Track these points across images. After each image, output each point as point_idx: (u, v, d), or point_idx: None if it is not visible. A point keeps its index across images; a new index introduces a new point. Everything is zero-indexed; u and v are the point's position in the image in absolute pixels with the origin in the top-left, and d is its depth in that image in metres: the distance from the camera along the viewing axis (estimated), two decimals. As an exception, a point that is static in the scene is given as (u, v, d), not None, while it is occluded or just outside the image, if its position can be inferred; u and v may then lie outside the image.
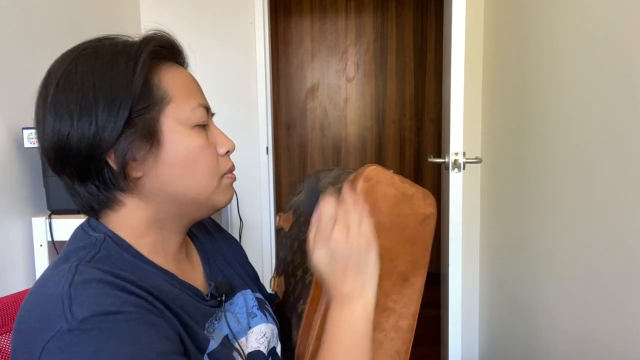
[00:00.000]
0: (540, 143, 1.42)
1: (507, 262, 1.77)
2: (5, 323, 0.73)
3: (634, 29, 0.93)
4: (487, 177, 2.05)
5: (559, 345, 1.31)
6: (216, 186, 0.63)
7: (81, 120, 0.55)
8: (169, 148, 0.58)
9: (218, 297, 0.67)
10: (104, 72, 0.55)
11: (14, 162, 1.35)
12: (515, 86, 1.66)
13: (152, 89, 0.57)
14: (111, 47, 0.58)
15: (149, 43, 0.58)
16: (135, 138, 0.56)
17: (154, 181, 0.59)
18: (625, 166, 0.97)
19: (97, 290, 0.49)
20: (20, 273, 1.38)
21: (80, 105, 0.55)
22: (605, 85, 1.04)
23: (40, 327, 0.48)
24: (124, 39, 0.60)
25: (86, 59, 0.56)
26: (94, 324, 0.46)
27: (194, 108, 0.60)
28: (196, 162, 0.60)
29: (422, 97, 3.30)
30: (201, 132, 0.61)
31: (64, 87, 0.55)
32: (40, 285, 0.54)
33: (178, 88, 0.59)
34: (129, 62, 0.56)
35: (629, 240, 0.96)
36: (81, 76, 0.55)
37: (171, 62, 0.62)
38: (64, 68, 0.57)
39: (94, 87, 0.55)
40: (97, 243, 0.58)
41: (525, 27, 1.56)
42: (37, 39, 1.45)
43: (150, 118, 0.57)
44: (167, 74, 0.59)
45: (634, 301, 0.95)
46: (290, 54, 3.30)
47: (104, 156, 0.56)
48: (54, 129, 0.56)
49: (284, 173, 3.40)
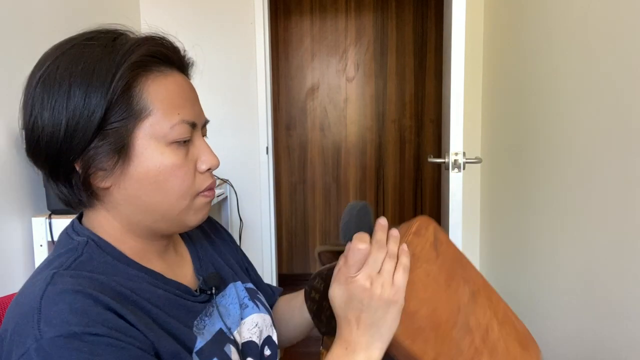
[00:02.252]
0: (540, 143, 1.42)
1: (507, 262, 1.77)
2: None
3: (634, 28, 0.93)
4: (487, 177, 2.05)
5: (559, 345, 1.31)
6: (187, 205, 0.60)
7: (51, 127, 0.54)
8: (138, 164, 0.56)
9: (208, 291, 0.66)
10: (82, 79, 0.53)
11: (14, 162, 1.35)
12: (515, 86, 1.66)
13: (130, 101, 0.54)
14: (97, 49, 0.55)
15: (135, 51, 0.55)
16: (104, 149, 0.54)
17: (122, 193, 0.57)
18: (625, 166, 0.97)
19: (67, 304, 0.49)
20: (20, 273, 1.38)
21: (54, 108, 0.53)
22: (605, 85, 1.04)
23: (16, 341, 0.48)
24: (118, 39, 0.56)
25: (69, 60, 0.55)
26: (59, 347, 0.46)
27: (175, 124, 0.57)
28: (166, 181, 0.57)
29: (422, 97, 3.30)
30: (178, 150, 0.58)
31: (43, 86, 0.54)
32: (20, 293, 0.54)
33: (161, 101, 0.56)
34: (109, 72, 0.53)
35: (629, 240, 0.96)
36: (60, 79, 0.54)
37: (163, 69, 0.58)
38: (47, 64, 0.55)
39: (69, 94, 0.53)
40: (79, 247, 0.57)
41: (525, 27, 1.56)
42: (37, 38, 1.45)
43: (123, 131, 0.54)
44: (151, 85, 0.56)
45: (634, 301, 0.95)
46: (290, 54, 3.29)
47: (71, 161, 0.55)
48: (28, 127, 0.56)
49: (284, 173, 3.40)
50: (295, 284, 3.40)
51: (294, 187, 3.42)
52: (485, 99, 2.08)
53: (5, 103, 1.31)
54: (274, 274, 2.36)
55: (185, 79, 0.61)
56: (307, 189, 3.42)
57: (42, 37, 1.47)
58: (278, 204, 3.38)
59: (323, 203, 3.43)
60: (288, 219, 3.45)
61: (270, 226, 2.33)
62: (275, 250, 2.38)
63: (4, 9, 1.31)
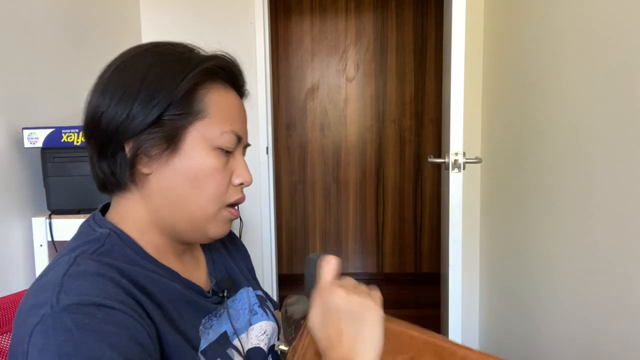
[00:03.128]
0: (540, 143, 1.42)
1: (507, 262, 1.77)
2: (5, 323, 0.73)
3: (634, 28, 0.93)
4: (487, 177, 2.05)
5: (559, 345, 1.31)
6: (214, 213, 0.62)
7: (119, 105, 0.58)
8: (184, 157, 0.59)
9: (220, 294, 0.68)
10: (159, 71, 0.58)
11: (14, 162, 1.35)
12: (515, 86, 1.66)
13: (193, 101, 0.59)
14: (181, 53, 0.61)
15: (210, 60, 0.61)
16: (157, 137, 0.58)
17: (159, 182, 0.60)
18: (625, 166, 0.97)
19: (89, 282, 0.51)
20: (20, 273, 1.38)
21: (124, 91, 0.58)
22: (605, 85, 1.04)
23: (31, 313, 0.49)
24: (197, 51, 0.63)
25: (151, 55, 0.60)
26: (73, 313, 0.48)
27: (225, 132, 0.61)
28: (204, 181, 0.60)
29: (422, 97, 3.30)
30: (221, 156, 0.61)
31: (121, 71, 0.59)
32: (39, 278, 0.55)
33: (219, 109, 0.61)
34: (184, 70, 0.59)
35: (629, 240, 0.96)
36: (138, 67, 0.59)
37: (227, 85, 0.64)
38: (131, 55, 0.61)
39: (143, 81, 0.58)
40: (101, 238, 0.59)
41: (526, 27, 1.56)
42: (37, 39, 1.45)
43: (178, 124, 0.59)
44: (215, 93, 0.61)
45: (634, 301, 0.95)
46: (290, 54, 3.30)
47: (122, 142, 0.58)
48: (96, 102, 0.59)
49: (284, 173, 3.40)
50: (295, 284, 3.40)
51: (294, 187, 3.42)
52: (485, 99, 2.08)
53: (5, 103, 1.31)
54: (274, 274, 2.36)
55: (240, 101, 0.67)
56: (307, 189, 3.42)
57: (42, 37, 1.47)
58: (278, 204, 3.38)
59: (323, 203, 3.43)
60: (288, 219, 3.45)
61: (270, 226, 2.33)
62: (275, 250, 2.38)
63: (4, 9, 1.31)
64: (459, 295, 1.72)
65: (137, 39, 2.20)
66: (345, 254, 3.47)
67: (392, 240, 3.44)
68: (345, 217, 3.44)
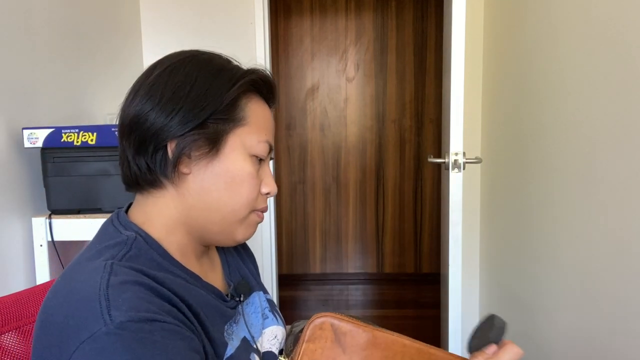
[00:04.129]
0: (540, 143, 1.42)
1: (507, 262, 1.77)
2: (6, 323, 0.73)
3: (634, 28, 0.93)
4: (487, 177, 2.05)
5: (559, 345, 1.31)
6: (244, 217, 0.65)
7: (166, 106, 0.59)
8: (224, 160, 0.62)
9: (237, 298, 0.69)
10: (207, 77, 0.61)
11: (14, 162, 1.35)
12: (515, 86, 1.66)
13: (236, 108, 0.62)
14: (224, 62, 0.64)
15: (251, 73, 0.64)
16: (200, 138, 0.60)
17: (197, 183, 0.61)
18: (625, 165, 0.97)
19: (134, 293, 0.51)
20: (20, 273, 1.38)
21: (173, 93, 0.60)
22: (605, 85, 1.04)
23: (74, 325, 0.48)
24: (236, 63, 0.67)
25: (199, 61, 0.63)
26: (131, 331, 0.47)
27: (261, 141, 0.64)
28: (240, 185, 0.63)
29: (422, 97, 3.30)
30: (255, 163, 0.64)
31: (169, 74, 0.61)
32: (70, 279, 0.54)
33: (257, 119, 0.64)
34: (231, 79, 0.62)
35: (629, 240, 0.96)
36: (188, 71, 0.61)
37: (264, 98, 0.67)
38: (179, 59, 0.63)
39: (192, 85, 0.60)
40: (128, 241, 0.59)
41: (526, 27, 1.56)
42: (37, 39, 1.45)
43: (222, 129, 0.61)
44: (254, 104, 0.65)
45: (634, 301, 0.95)
46: (290, 54, 3.30)
47: (165, 142, 0.60)
48: (140, 102, 0.61)
49: (284, 173, 3.40)
50: (295, 284, 3.40)
51: (294, 187, 3.42)
52: (485, 99, 2.08)
53: (5, 103, 1.31)
54: (274, 274, 2.36)
55: (272, 115, 0.70)
56: (307, 189, 3.42)
57: (42, 37, 1.47)
58: (278, 204, 3.38)
59: (323, 203, 3.43)
60: (288, 219, 3.45)
61: (270, 226, 2.33)
62: (275, 250, 2.38)
63: (3, 9, 1.31)
64: (459, 295, 1.72)
65: (137, 39, 2.20)
66: (345, 254, 3.47)
67: (392, 240, 3.44)
68: (345, 217, 3.44)
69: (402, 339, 0.61)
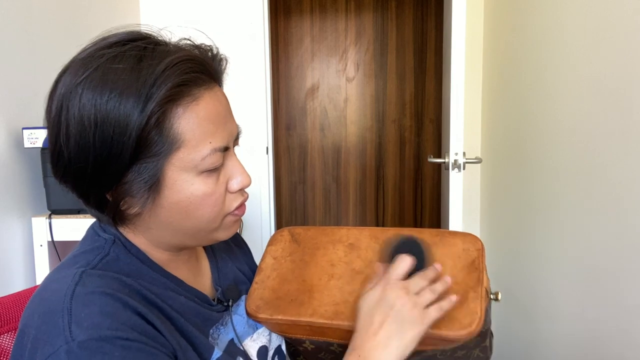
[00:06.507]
0: (540, 143, 1.42)
1: (507, 262, 1.77)
2: (6, 323, 0.73)
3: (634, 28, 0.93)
4: (487, 177, 2.05)
5: (559, 345, 1.31)
6: (217, 226, 0.59)
7: (80, 158, 0.51)
8: (169, 195, 0.54)
9: (225, 303, 0.68)
10: (109, 113, 0.49)
11: (14, 162, 1.35)
12: (515, 86, 1.66)
13: (160, 136, 0.51)
14: (123, 76, 0.50)
15: (165, 82, 0.50)
16: (135, 184, 0.53)
17: (152, 219, 0.57)
18: (625, 165, 0.97)
19: (98, 307, 0.49)
20: (20, 273, 1.38)
21: (79, 142, 0.51)
22: (605, 85, 1.04)
23: (41, 339, 0.48)
24: (144, 59, 0.51)
25: (93, 88, 0.50)
26: (91, 350, 0.47)
27: (206, 156, 0.54)
28: (196, 210, 0.56)
29: (422, 97, 3.30)
30: (209, 178, 0.56)
31: (67, 115, 0.51)
32: (44, 287, 0.54)
33: (192, 131, 0.53)
34: (137, 105, 0.49)
35: (629, 240, 0.96)
36: (84, 111, 0.50)
37: (194, 92, 0.53)
38: (69, 89, 0.51)
39: (95, 129, 0.50)
40: (106, 245, 0.57)
41: (525, 27, 1.56)
42: (37, 39, 1.45)
43: (154, 167, 0.52)
44: (182, 116, 0.52)
45: (634, 301, 0.95)
46: (290, 54, 3.29)
47: (101, 192, 0.54)
48: (54, 150, 0.53)
49: (284, 173, 3.40)
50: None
51: (294, 187, 3.42)
52: (485, 99, 2.08)
53: (5, 103, 1.31)
54: None
55: (216, 95, 0.56)
56: (307, 189, 3.42)
57: (41, 37, 1.47)
58: (278, 204, 3.38)
59: (323, 203, 3.43)
60: (288, 219, 3.45)
61: (270, 226, 2.33)
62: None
63: (4, 9, 1.31)
64: (459, 295, 1.71)
65: (137, 39, 2.19)
66: (345, 254, 3.46)
67: (392, 240, 3.44)
68: (345, 217, 3.44)
69: (350, 229, 0.75)
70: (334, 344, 0.69)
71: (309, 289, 0.69)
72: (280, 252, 0.76)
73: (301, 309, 0.67)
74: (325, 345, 0.70)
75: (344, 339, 0.65)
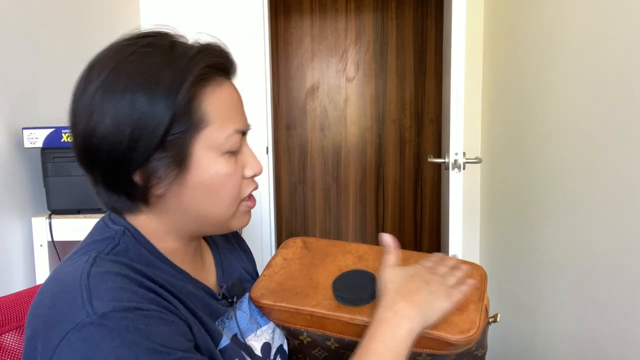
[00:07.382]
0: (539, 143, 1.42)
1: (507, 262, 1.77)
2: (6, 322, 0.73)
3: (633, 29, 0.93)
4: (487, 177, 2.05)
5: (559, 345, 1.31)
6: (234, 212, 0.62)
7: (116, 134, 0.53)
8: (195, 173, 0.57)
9: (229, 299, 0.69)
10: (146, 90, 0.53)
11: (14, 162, 1.35)
12: (515, 86, 1.66)
13: (190, 113, 0.55)
14: (158, 58, 0.55)
15: (198, 62, 0.56)
16: (166, 161, 0.55)
17: (174, 200, 0.59)
18: (625, 166, 0.97)
19: (115, 283, 0.50)
20: (20, 273, 1.38)
21: (117, 118, 0.53)
22: (605, 85, 1.04)
23: (57, 317, 0.48)
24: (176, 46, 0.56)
25: (131, 69, 0.54)
26: (115, 320, 0.47)
27: (229, 135, 0.58)
28: (219, 189, 0.59)
29: (422, 97, 3.30)
30: (230, 159, 0.60)
31: (104, 94, 0.54)
32: (56, 273, 0.55)
33: (218, 111, 0.57)
34: (173, 83, 0.54)
35: (629, 241, 0.96)
36: (123, 88, 0.53)
37: (218, 79, 0.59)
38: (107, 72, 0.55)
39: (133, 104, 0.53)
40: (116, 236, 0.58)
41: (525, 27, 1.56)
42: (37, 38, 1.45)
43: (183, 143, 0.55)
44: (210, 96, 0.57)
45: (633, 302, 0.95)
46: (290, 54, 3.29)
47: (130, 172, 0.56)
48: (87, 130, 0.55)
49: (284, 173, 3.40)
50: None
51: (294, 187, 3.42)
52: (485, 99, 2.08)
53: (5, 103, 1.31)
54: None
55: (234, 87, 0.62)
56: (307, 189, 3.42)
57: (41, 37, 1.47)
58: (278, 204, 3.38)
59: (323, 203, 3.43)
60: (288, 219, 3.45)
61: (270, 226, 2.33)
62: (275, 250, 2.38)
63: (4, 9, 1.31)
64: (459, 295, 1.72)
65: (137, 39, 2.19)
66: (345, 254, 3.46)
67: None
68: (345, 217, 3.44)
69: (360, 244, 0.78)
70: (331, 338, 0.70)
71: (315, 286, 0.72)
72: (290, 255, 0.79)
73: (305, 300, 0.70)
74: (322, 340, 0.70)
75: (342, 333, 0.68)
